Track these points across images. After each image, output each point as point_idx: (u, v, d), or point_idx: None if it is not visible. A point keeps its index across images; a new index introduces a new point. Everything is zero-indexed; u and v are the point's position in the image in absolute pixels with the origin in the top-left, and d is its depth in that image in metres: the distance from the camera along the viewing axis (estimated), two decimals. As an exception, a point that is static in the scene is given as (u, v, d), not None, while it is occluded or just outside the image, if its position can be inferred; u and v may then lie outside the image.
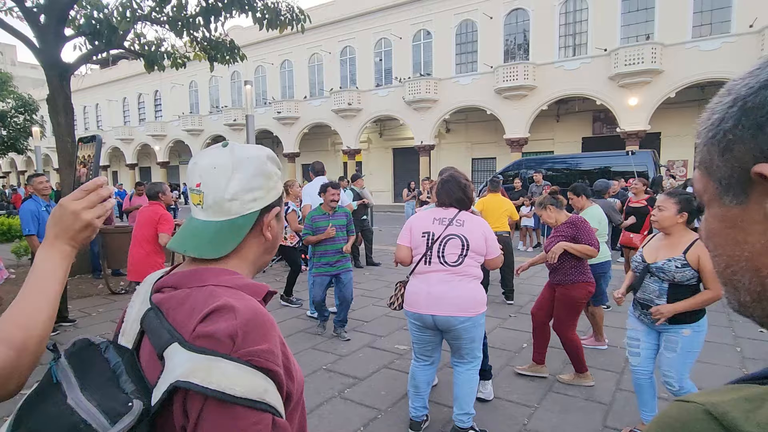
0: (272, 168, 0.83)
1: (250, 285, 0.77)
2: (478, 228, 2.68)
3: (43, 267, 0.79)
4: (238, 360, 0.64)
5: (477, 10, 20.55)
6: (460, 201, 2.76)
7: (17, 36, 7.32)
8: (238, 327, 0.65)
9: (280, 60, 27.18)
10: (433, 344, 2.80)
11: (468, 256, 2.63)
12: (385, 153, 26.51)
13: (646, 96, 17.27)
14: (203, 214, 0.79)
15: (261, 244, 0.83)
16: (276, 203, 0.84)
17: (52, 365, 0.71)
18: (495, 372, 3.69)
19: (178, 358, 0.64)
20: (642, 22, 17.58)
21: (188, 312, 0.69)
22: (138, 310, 0.77)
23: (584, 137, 20.95)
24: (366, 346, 4.34)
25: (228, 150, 0.80)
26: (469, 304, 2.61)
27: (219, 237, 0.77)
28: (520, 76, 19.17)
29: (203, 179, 0.78)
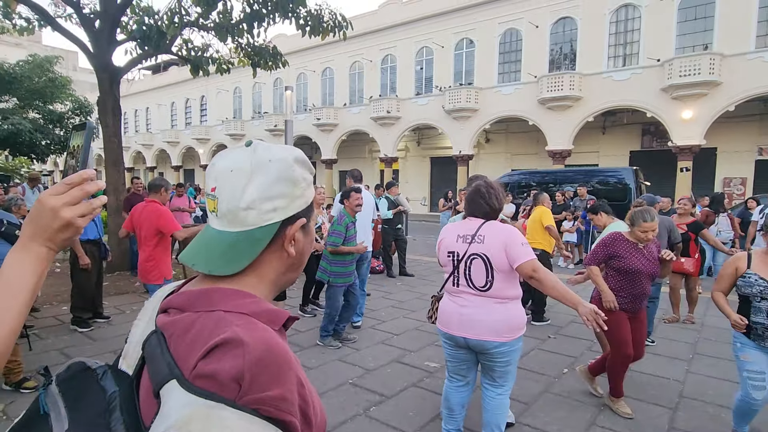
0: (300, 172, 0.71)
1: (267, 311, 0.65)
2: (497, 239, 2.38)
3: (11, 272, 0.67)
4: (243, 408, 0.53)
5: (522, 19, 20.13)
6: (485, 212, 2.52)
7: (73, 40, 7.65)
8: (246, 367, 0.55)
9: (322, 67, 27.57)
10: (467, 363, 2.61)
11: (496, 279, 2.37)
12: (423, 162, 26.31)
13: (701, 109, 16.33)
14: (218, 223, 0.68)
15: (283, 261, 0.71)
16: (303, 213, 0.72)
17: (42, 393, 0.63)
18: (532, 398, 3.42)
19: (175, 400, 0.54)
20: (700, 31, 16.68)
21: (191, 343, 0.59)
22: (143, 330, 0.68)
23: (632, 151, 20.05)
24: (395, 360, 4.16)
25: (250, 150, 0.68)
26: (503, 329, 2.39)
27: (233, 251, 0.66)
28: (565, 86, 18.58)
29: (218, 183, 0.67)
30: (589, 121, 19.07)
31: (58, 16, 8.19)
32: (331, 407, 3.24)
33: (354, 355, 4.29)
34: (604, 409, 3.30)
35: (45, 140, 15.36)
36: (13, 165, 17.53)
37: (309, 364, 4.01)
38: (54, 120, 16.29)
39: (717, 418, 3.19)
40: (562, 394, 3.53)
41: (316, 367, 3.97)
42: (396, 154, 24.91)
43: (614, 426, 3.06)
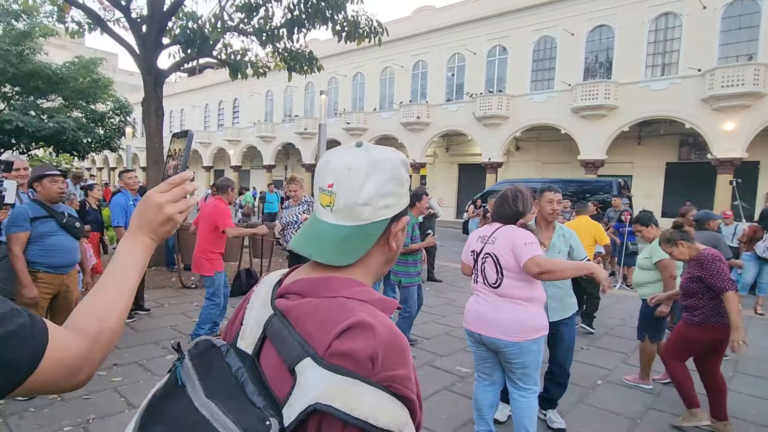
0: (405, 174, 0.76)
1: (380, 299, 0.71)
2: (505, 240, 2.49)
3: (123, 258, 0.77)
4: (378, 385, 0.59)
5: (557, 27, 19.91)
6: (505, 216, 2.61)
7: (122, 43, 8.00)
8: (378, 348, 0.60)
9: (353, 72, 27.86)
10: (490, 362, 2.66)
11: (506, 276, 2.47)
12: (451, 168, 26.22)
13: (744, 121, 15.77)
14: (332, 217, 0.73)
15: (384, 255, 0.77)
16: (405, 212, 0.78)
17: (178, 366, 0.70)
18: (567, 407, 3.39)
19: (313, 375, 0.59)
20: (744, 41, 16.15)
21: (320, 324, 0.64)
22: (259, 312, 0.72)
23: (668, 162, 19.50)
24: (426, 364, 4.18)
25: (363, 150, 0.74)
26: (514, 329, 2.43)
27: (348, 243, 0.72)
28: (600, 95, 18.25)
29: (337, 180, 0.72)
30: (624, 131, 18.66)
31: (108, 20, 8.58)
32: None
33: (385, 356, 4.33)
34: (640, 423, 3.23)
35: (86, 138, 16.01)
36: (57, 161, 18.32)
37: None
38: (95, 119, 16.96)
39: None
40: (596, 405, 3.48)
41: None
42: (424, 160, 24.92)
43: None
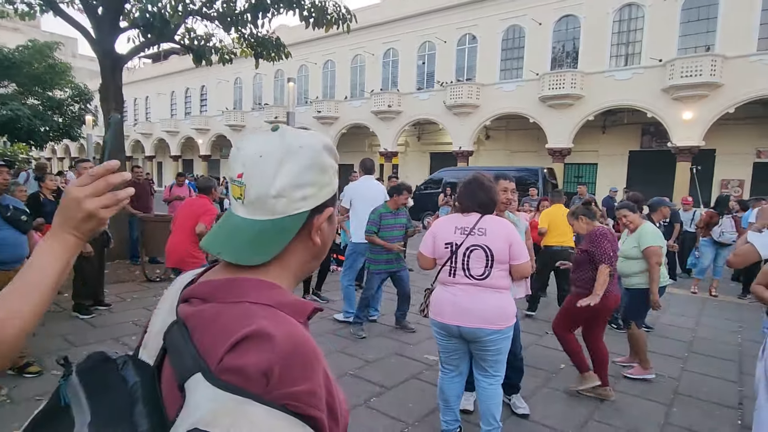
0: (328, 160, 0.69)
1: (292, 302, 0.64)
2: (500, 233, 2.47)
3: (40, 257, 0.70)
4: (272, 404, 0.52)
5: (526, 16, 20.08)
6: (483, 205, 2.55)
7: (76, 27, 7.61)
8: (274, 361, 0.54)
9: (323, 60, 27.46)
10: (459, 353, 2.66)
11: (494, 268, 2.46)
12: (422, 157, 26.30)
13: (702, 110, 16.37)
14: (244, 211, 0.66)
15: (308, 250, 0.70)
16: (330, 202, 0.71)
17: (62, 384, 0.62)
18: (530, 392, 3.47)
19: (201, 394, 0.53)
20: (702, 32, 16.68)
21: (217, 335, 0.57)
22: (163, 320, 0.66)
23: (631, 150, 20.09)
24: (395, 353, 4.20)
25: (278, 136, 0.66)
26: (497, 317, 2.46)
27: (260, 240, 0.65)
28: (567, 84, 18.58)
29: (247, 169, 0.65)
30: (590, 120, 19.09)
31: (60, 1, 8.13)
32: (331, 397, 3.28)
33: (354, 346, 4.33)
34: (602, 404, 3.35)
35: (44, 126, 15.28)
36: (11, 151, 17.43)
37: (309, 354, 4.05)
38: (53, 107, 16.19)
39: (711, 415, 3.24)
40: (559, 389, 3.58)
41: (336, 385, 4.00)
42: (396, 149, 24.89)
43: (611, 421, 3.11)
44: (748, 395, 3.59)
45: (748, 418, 3.15)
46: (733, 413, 3.28)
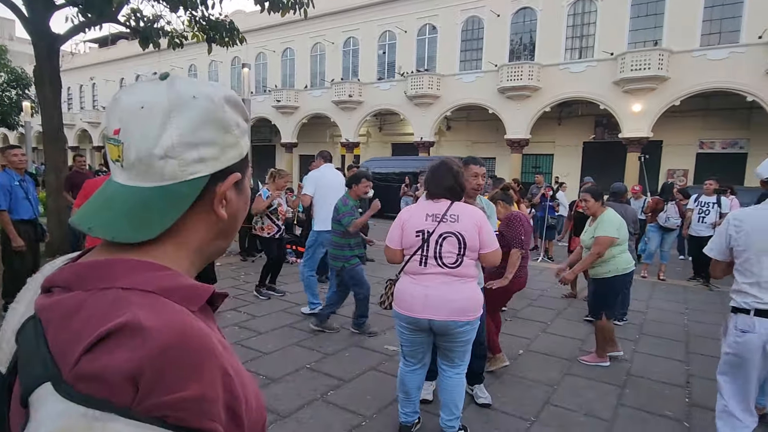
0: (232, 116, 0.57)
1: (183, 287, 0.51)
2: (471, 220, 2.40)
3: None
4: (144, 418, 0.40)
5: (484, 7, 20.24)
6: (451, 190, 2.46)
7: (5, 2, 6.99)
8: (146, 362, 0.41)
9: (282, 48, 26.79)
10: (424, 347, 2.58)
11: (466, 256, 2.38)
12: (384, 147, 26.22)
13: (650, 103, 17.07)
14: (123, 176, 0.54)
15: (211, 225, 0.57)
16: (237, 167, 0.58)
17: None
18: (489, 380, 3.46)
19: (48, 409, 0.40)
20: (650, 27, 17.34)
21: (76, 332, 0.44)
22: (21, 316, 0.52)
23: (585, 141, 20.74)
24: (354, 345, 4.11)
25: (167, 84, 0.54)
26: (469, 307, 2.40)
27: (144, 211, 0.52)
28: (524, 76, 18.91)
29: (125, 123, 0.52)
30: (546, 112, 19.54)
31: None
32: (287, 392, 3.16)
33: (312, 339, 4.21)
34: (557, 389, 3.39)
35: (-25, 113, 14.16)
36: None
37: (265, 349, 3.90)
38: (-14, 92, 15.02)
39: (661, 395, 3.34)
40: (517, 374, 3.60)
41: (272, 352, 3.86)
42: (358, 139, 24.68)
43: (567, 404, 3.14)
44: (695, 374, 3.74)
45: (696, 396, 3.27)
46: (681, 392, 3.39)
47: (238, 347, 3.90)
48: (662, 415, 3.01)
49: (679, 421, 2.92)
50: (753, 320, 2.17)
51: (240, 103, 0.59)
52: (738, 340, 2.22)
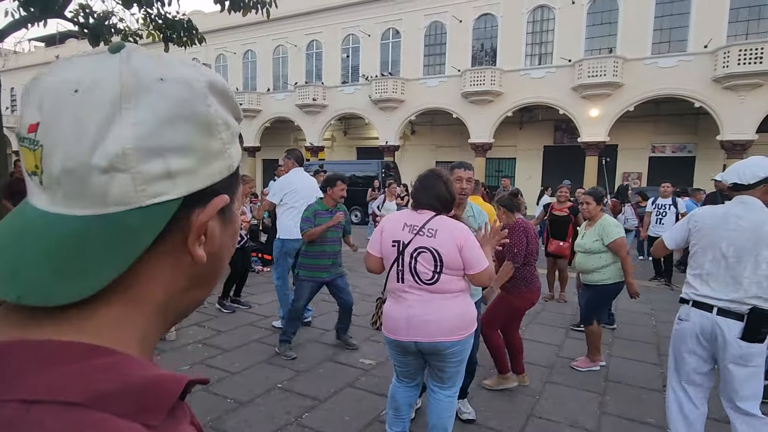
0: (218, 110, 0.38)
1: (137, 386, 0.32)
2: (450, 236, 2.15)
3: None
4: None
5: (447, 13, 20.46)
6: (440, 199, 2.25)
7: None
8: None
9: (243, 50, 26.17)
10: (416, 366, 2.40)
11: (444, 273, 2.16)
12: (349, 152, 26.01)
13: (606, 108, 17.69)
14: (44, 198, 0.35)
15: (183, 270, 0.39)
16: (223, 186, 0.40)
17: None
18: (470, 392, 3.35)
19: None
20: (605, 35, 18.01)
21: None
22: None
23: (546, 146, 21.28)
24: (328, 360, 3.91)
25: (119, 59, 0.35)
26: (457, 325, 2.20)
27: (74, 255, 0.33)
28: (487, 81, 19.21)
29: (46, 115, 0.34)
30: (508, 116, 19.92)
31: None
32: (258, 417, 2.93)
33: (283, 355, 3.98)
34: (539, 399, 3.32)
35: None
36: None
37: (232, 368, 3.64)
38: None
39: (640, 400, 3.33)
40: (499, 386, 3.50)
41: (240, 371, 3.60)
42: (322, 143, 24.38)
43: (551, 416, 3.07)
44: (669, 376, 3.77)
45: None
46: (659, 396, 3.39)
47: (202, 367, 3.63)
48: (645, 423, 2.98)
49: (662, 429, 2.90)
50: (690, 310, 2.38)
51: (230, 93, 0.41)
52: (677, 327, 2.46)
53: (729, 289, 2.23)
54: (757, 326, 2.15)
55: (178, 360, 3.75)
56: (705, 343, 2.32)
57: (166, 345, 4.06)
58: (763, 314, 2.15)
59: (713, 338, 2.28)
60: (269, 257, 8.01)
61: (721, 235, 2.28)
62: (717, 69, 15.56)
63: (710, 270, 2.31)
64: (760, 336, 2.16)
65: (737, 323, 2.20)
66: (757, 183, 2.27)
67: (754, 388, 2.27)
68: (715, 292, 2.28)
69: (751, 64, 14.90)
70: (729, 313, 2.22)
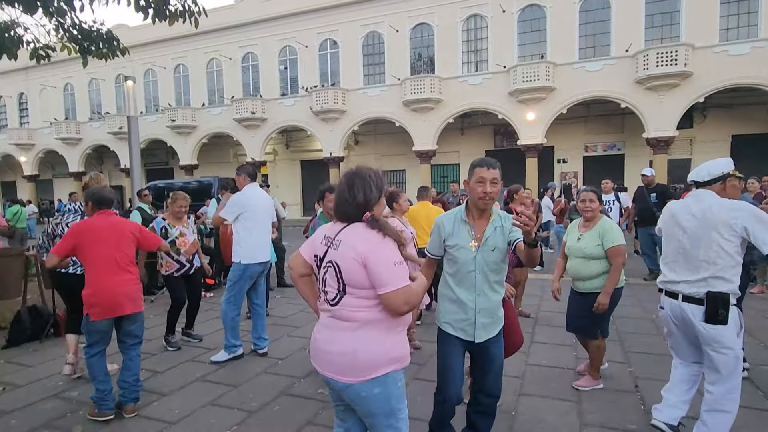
0: None
1: None
2: (352, 250, 1.71)
3: None
4: None
5: (383, 23, 20.56)
6: (341, 207, 1.82)
7: None
8: None
9: (174, 64, 24.96)
10: (342, 405, 1.93)
11: (348, 293, 1.74)
12: (293, 165, 25.40)
13: (542, 111, 18.37)
14: None
15: None
16: None
17: None
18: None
19: None
20: (536, 42, 18.76)
21: None
22: None
23: (487, 150, 21.78)
24: (282, 393, 3.51)
25: None
26: (347, 366, 1.73)
27: None
28: (426, 88, 19.42)
29: None
30: (450, 123, 20.23)
31: None
32: (204, 474, 2.50)
33: (230, 394, 3.53)
34: (516, 415, 3.11)
35: None
36: None
37: (171, 417, 3.15)
38: None
39: (618, 404, 3.19)
40: (470, 403, 3.27)
41: (181, 419, 3.12)
42: (264, 158, 23.64)
43: (533, 429, 2.87)
44: (640, 375, 3.70)
45: (649, 402, 3.17)
46: (634, 398, 3.29)
47: (132, 420, 3.12)
48: (626, 430, 2.84)
49: (644, 434, 2.78)
50: (663, 298, 2.62)
51: None
52: (660, 313, 2.72)
53: (689, 274, 2.45)
54: (714, 308, 2.32)
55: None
56: (682, 326, 2.54)
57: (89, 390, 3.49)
58: (717, 296, 2.32)
59: (684, 323, 2.50)
60: (212, 281, 7.42)
61: (679, 225, 2.55)
62: (638, 71, 16.60)
63: (674, 258, 2.56)
64: (719, 318, 2.31)
65: (699, 308, 2.39)
66: (713, 180, 2.51)
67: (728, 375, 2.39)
68: (679, 276, 2.50)
69: (667, 66, 16.03)
70: (691, 299, 2.42)
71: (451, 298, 2.41)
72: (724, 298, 2.31)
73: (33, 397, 3.51)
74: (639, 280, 7.32)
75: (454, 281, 2.39)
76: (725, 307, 2.31)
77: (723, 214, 2.36)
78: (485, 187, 2.24)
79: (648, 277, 7.35)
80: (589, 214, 3.41)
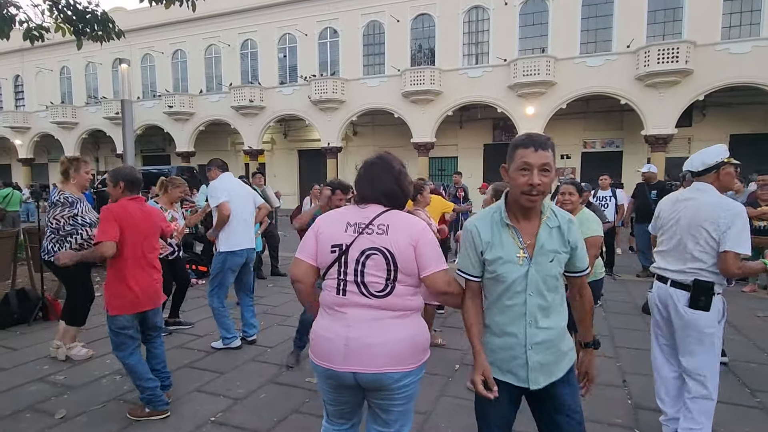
0: None
1: None
2: (405, 234, 1.68)
3: None
4: None
5: (384, 12, 20.36)
6: (389, 195, 1.78)
7: None
8: None
9: (172, 49, 24.70)
10: (351, 405, 1.85)
11: (399, 281, 1.68)
12: (290, 155, 25.27)
13: (541, 106, 18.29)
14: None
15: None
16: None
17: None
18: (430, 405, 3.08)
19: None
20: (537, 36, 18.63)
21: None
22: None
23: (485, 144, 21.71)
24: (270, 382, 3.49)
25: None
26: (408, 353, 1.69)
27: None
28: (426, 80, 19.29)
29: None
30: (449, 116, 20.11)
31: None
32: (186, 460, 2.48)
33: (216, 381, 3.51)
34: (501, 405, 3.10)
35: None
36: None
37: (157, 401, 3.13)
38: None
39: (605, 398, 3.19)
40: (460, 396, 3.26)
41: (167, 404, 3.11)
42: (261, 147, 23.49)
43: (527, 428, 2.85)
44: (627, 370, 3.69)
45: (636, 396, 3.17)
46: (621, 392, 3.29)
47: (117, 404, 3.09)
48: (612, 424, 2.84)
49: (630, 429, 2.77)
50: (654, 282, 2.70)
51: None
52: (648, 296, 2.83)
53: (679, 263, 2.53)
54: (698, 294, 2.42)
55: (90, 396, 3.19)
56: (663, 311, 2.61)
57: (75, 374, 3.47)
58: (701, 284, 2.42)
59: (665, 306, 2.59)
60: (204, 268, 7.39)
61: (673, 217, 2.60)
62: (639, 68, 16.50)
63: (667, 247, 2.63)
64: (700, 304, 2.42)
65: (684, 293, 2.48)
66: (707, 170, 2.52)
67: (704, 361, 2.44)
68: (669, 265, 2.58)
69: (668, 63, 15.94)
70: (679, 285, 2.51)
71: (491, 329, 1.77)
72: (707, 286, 2.41)
73: (18, 380, 3.48)
74: (632, 276, 7.32)
75: (496, 307, 1.73)
76: (707, 294, 2.41)
77: (714, 211, 2.38)
78: (532, 178, 1.59)
79: (641, 273, 7.35)
80: (569, 206, 3.32)
